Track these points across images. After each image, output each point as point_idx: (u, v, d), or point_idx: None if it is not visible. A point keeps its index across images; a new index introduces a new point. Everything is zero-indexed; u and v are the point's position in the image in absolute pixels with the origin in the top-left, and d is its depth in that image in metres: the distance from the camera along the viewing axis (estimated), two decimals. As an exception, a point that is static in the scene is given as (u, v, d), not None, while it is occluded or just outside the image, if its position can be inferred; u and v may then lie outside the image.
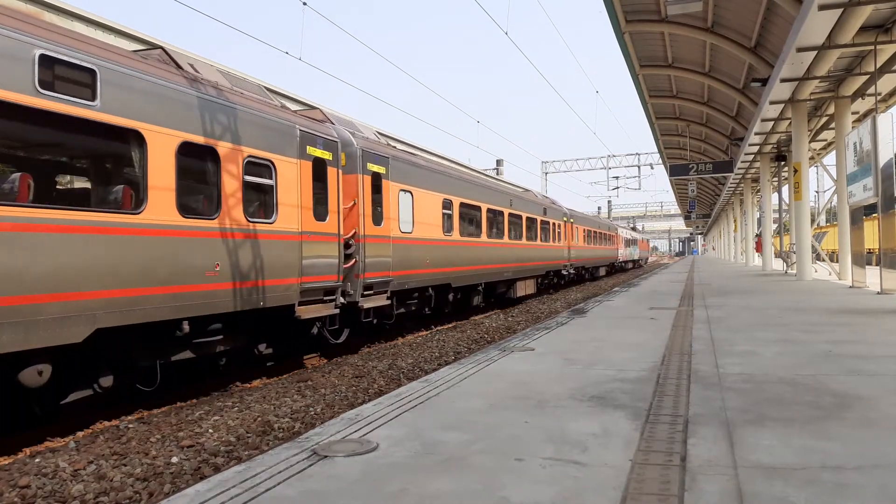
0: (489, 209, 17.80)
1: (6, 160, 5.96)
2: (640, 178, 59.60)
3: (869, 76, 14.15)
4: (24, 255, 5.45)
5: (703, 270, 30.79)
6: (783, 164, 23.93)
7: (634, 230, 72.20)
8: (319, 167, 9.80)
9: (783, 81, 14.29)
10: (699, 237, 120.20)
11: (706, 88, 22.65)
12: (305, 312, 9.27)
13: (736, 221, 42.92)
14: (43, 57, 5.71)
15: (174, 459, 5.39)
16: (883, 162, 11.24)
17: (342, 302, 10.26)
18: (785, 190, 25.06)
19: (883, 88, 15.47)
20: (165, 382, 7.84)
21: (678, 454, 3.15)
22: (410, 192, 12.99)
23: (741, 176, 31.74)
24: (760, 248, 28.57)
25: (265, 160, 8.59)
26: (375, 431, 3.71)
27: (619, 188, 62.85)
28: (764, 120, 18.61)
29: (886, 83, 15.22)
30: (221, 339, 8.03)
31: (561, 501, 2.61)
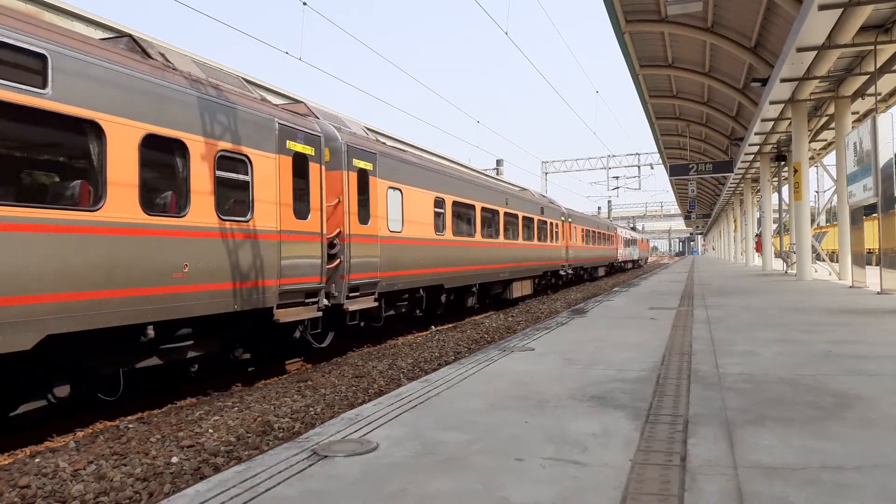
0: (484, 208, 17.56)
1: None
2: (640, 178, 59.70)
3: (869, 76, 14.16)
4: None
5: (702, 270, 30.79)
6: (783, 164, 23.93)
7: (634, 230, 72.22)
8: (300, 163, 9.36)
9: (783, 81, 14.30)
10: (699, 237, 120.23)
11: (706, 88, 22.65)
12: (285, 316, 8.85)
13: (736, 221, 42.94)
14: None
15: (174, 459, 5.39)
16: (883, 162, 11.25)
17: (326, 304, 9.86)
18: (785, 190, 25.10)
19: (883, 88, 15.48)
20: (132, 391, 7.51)
21: (678, 454, 3.15)
22: (400, 189, 12.62)
23: (741, 176, 31.75)
24: (760, 248, 28.58)
25: (240, 154, 8.17)
26: (375, 431, 3.71)
27: (619, 188, 62.93)
28: (764, 120, 18.62)
29: (886, 83, 15.23)
30: (192, 344, 7.62)
31: (561, 501, 2.61)
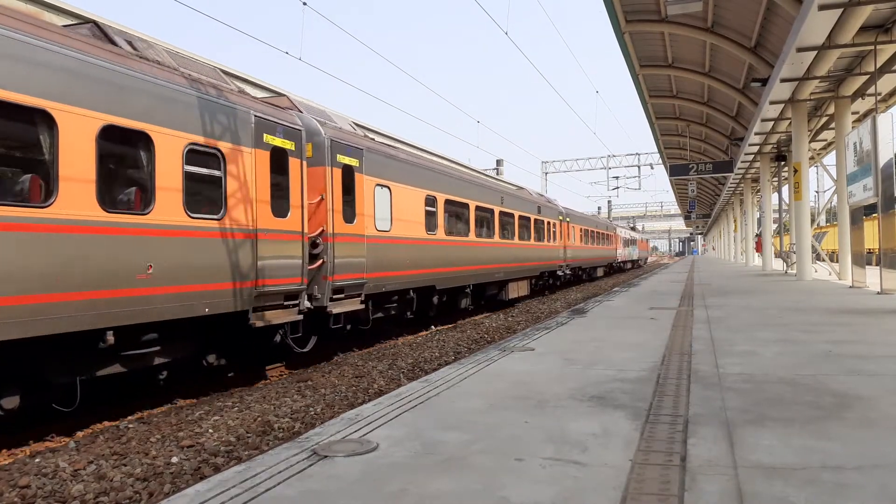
0: (478, 207, 17.26)
1: None
2: (640, 178, 59.60)
3: (869, 76, 14.16)
4: None
5: (702, 270, 30.79)
6: (783, 164, 23.94)
7: (634, 230, 72.21)
8: (279, 158, 8.84)
9: (783, 81, 14.31)
10: (699, 237, 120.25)
11: (706, 88, 22.65)
12: (261, 319, 8.36)
13: (736, 221, 42.95)
14: None
15: (174, 459, 5.39)
16: (883, 162, 11.25)
17: (308, 307, 9.34)
18: (785, 190, 25.11)
19: (883, 88, 15.49)
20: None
21: (678, 454, 3.15)
22: (388, 187, 12.09)
23: (741, 176, 31.76)
24: (760, 248, 28.58)
25: (211, 148, 7.67)
26: (375, 431, 3.71)
27: (619, 188, 62.88)
28: (764, 120, 18.62)
29: (886, 83, 15.24)
30: (158, 350, 7.15)
31: (561, 501, 2.61)
